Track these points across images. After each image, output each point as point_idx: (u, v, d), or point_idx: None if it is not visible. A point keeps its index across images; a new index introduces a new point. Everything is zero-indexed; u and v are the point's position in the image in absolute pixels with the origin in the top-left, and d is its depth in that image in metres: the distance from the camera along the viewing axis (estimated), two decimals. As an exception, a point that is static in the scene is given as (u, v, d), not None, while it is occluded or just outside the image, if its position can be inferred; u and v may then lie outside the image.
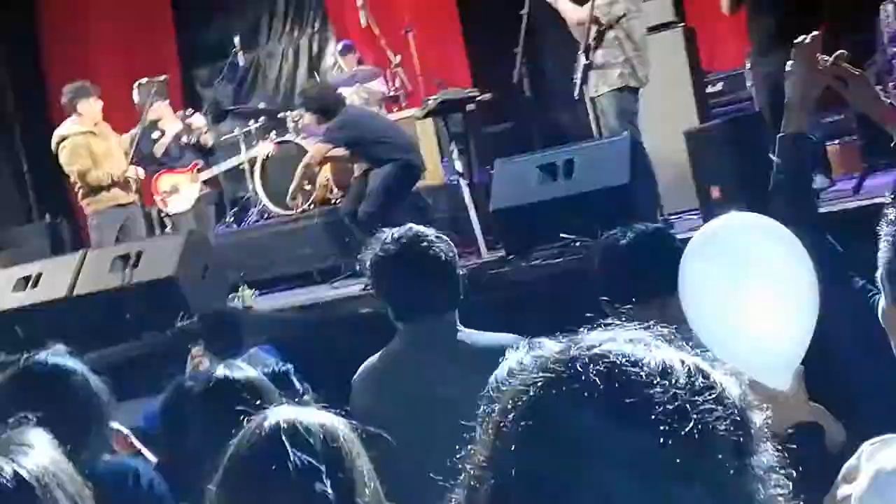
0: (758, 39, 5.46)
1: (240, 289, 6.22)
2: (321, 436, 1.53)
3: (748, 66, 5.77)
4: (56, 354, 2.48)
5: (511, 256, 5.25)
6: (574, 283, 4.31)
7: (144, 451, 2.86)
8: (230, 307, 4.89)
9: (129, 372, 4.88)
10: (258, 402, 1.73)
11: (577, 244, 4.77)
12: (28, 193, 9.89)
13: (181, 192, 7.26)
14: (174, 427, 2.35)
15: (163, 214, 7.44)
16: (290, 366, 3.36)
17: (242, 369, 2.31)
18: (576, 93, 5.76)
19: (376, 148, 6.08)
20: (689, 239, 4.03)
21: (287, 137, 7.84)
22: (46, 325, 5.57)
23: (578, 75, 5.68)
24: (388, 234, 2.68)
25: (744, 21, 7.16)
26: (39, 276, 5.86)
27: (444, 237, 2.71)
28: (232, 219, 8.22)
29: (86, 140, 6.65)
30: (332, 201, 7.38)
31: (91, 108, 6.77)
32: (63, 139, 6.69)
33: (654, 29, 6.22)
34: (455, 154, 6.44)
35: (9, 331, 5.66)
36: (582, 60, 5.71)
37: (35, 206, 9.73)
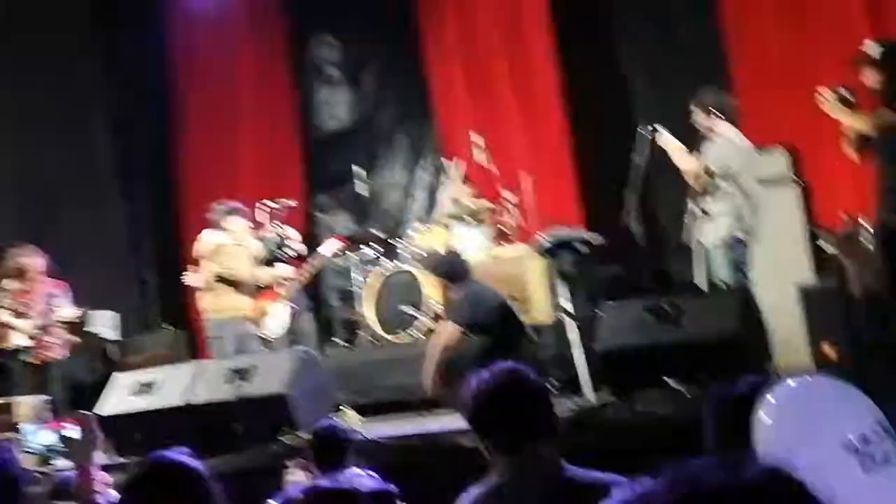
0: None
1: (344, 410, 6.33)
2: None
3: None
4: (181, 454, 2.61)
5: (615, 399, 5.22)
6: (678, 429, 4.26)
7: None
8: (341, 425, 4.94)
9: (233, 482, 4.97)
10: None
11: (683, 391, 4.74)
12: (151, 305, 10.36)
13: (273, 317, 7.39)
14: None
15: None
16: (394, 488, 3.42)
17: (344, 483, 2.36)
18: (687, 240, 5.83)
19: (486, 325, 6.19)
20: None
21: (400, 265, 8.04)
22: (162, 430, 5.77)
23: (690, 223, 5.75)
24: (488, 370, 2.74)
25: (859, 179, 7.18)
26: (159, 382, 6.07)
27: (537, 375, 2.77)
28: (341, 340, 8.39)
29: (234, 249, 7.00)
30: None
31: (238, 225, 7.22)
32: (213, 244, 7.05)
33: (768, 182, 6.26)
34: (563, 293, 6.50)
35: (127, 434, 5.85)
36: (694, 209, 5.79)
37: (158, 317, 10.15)
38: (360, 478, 4.21)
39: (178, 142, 10.66)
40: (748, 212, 5.71)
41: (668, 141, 6.04)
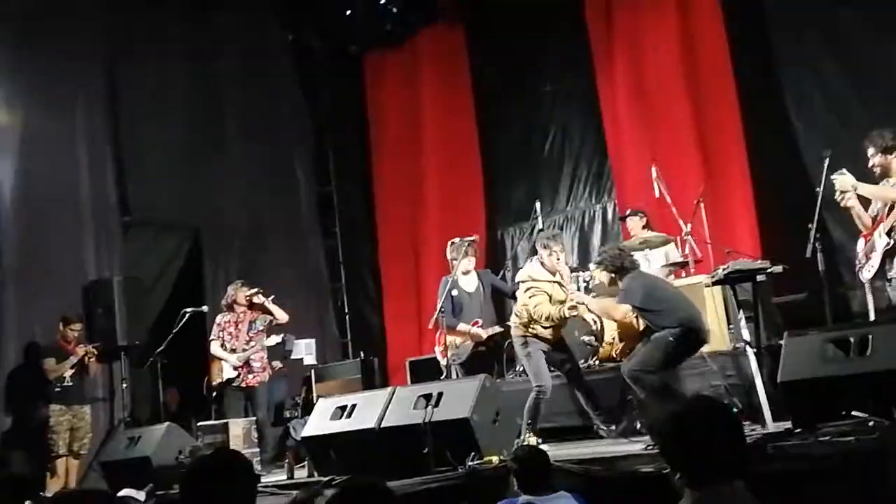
0: None
1: (525, 436, 6.35)
2: None
3: None
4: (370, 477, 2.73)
5: (797, 430, 5.01)
6: (863, 462, 4.05)
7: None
8: (542, 449, 4.97)
9: (421, 501, 5.09)
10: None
11: (871, 423, 4.50)
12: (347, 335, 10.80)
13: (459, 348, 7.41)
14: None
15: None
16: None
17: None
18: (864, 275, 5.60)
19: (658, 314, 6.12)
20: None
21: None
22: (356, 451, 5.98)
23: (877, 254, 5.50)
24: (680, 398, 2.70)
25: None
26: (354, 406, 6.28)
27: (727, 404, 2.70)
28: (521, 368, 8.43)
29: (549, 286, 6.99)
30: (616, 358, 7.39)
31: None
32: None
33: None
34: (742, 321, 6.32)
35: (325, 454, 6.10)
36: (883, 241, 5.56)
37: (351, 346, 10.57)
38: (569, 499, 4.25)
39: (371, 185, 11.10)
40: None
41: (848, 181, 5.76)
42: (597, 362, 7.62)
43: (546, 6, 9.78)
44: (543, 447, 5.77)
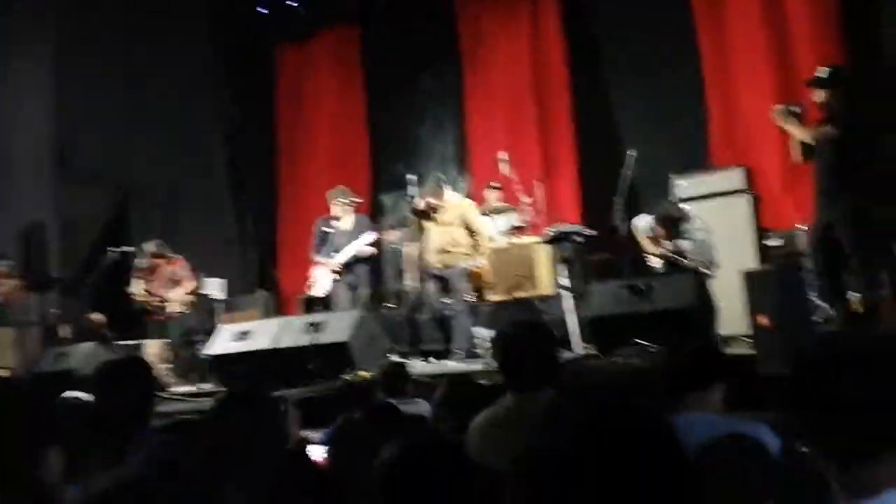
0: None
1: (392, 357, 6.46)
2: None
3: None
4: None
5: (599, 354, 5.30)
6: (645, 378, 4.33)
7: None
8: (402, 363, 5.05)
9: (306, 407, 5.13)
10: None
11: (650, 349, 4.81)
12: (251, 273, 10.59)
13: (320, 282, 7.21)
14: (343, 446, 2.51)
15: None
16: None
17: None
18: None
19: None
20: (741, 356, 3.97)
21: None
22: (253, 367, 5.95)
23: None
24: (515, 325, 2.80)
25: (796, 192, 7.14)
26: (252, 331, 6.24)
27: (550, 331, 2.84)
28: (391, 304, 8.53)
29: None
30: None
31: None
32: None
33: (729, 194, 6.30)
34: (564, 272, 6.58)
35: (227, 370, 6.04)
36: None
37: (256, 283, 10.38)
38: (424, 404, 4.35)
39: (275, 147, 10.90)
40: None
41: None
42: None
43: (426, 11, 9.77)
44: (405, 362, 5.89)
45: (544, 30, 9.11)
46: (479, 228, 6.65)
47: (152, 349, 7.00)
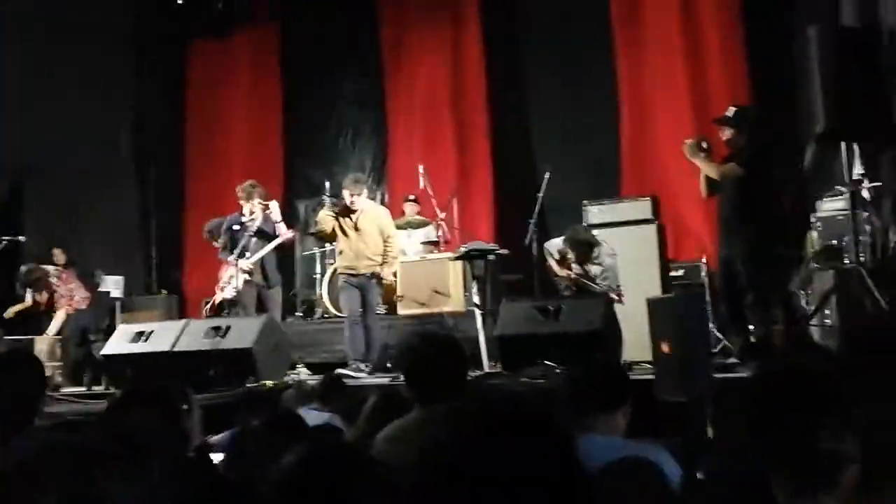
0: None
1: (297, 367, 6.34)
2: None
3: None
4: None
5: (506, 372, 5.34)
6: (550, 398, 4.39)
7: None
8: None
9: (206, 416, 4.95)
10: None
11: (557, 370, 4.89)
12: (152, 272, 10.20)
13: (231, 282, 6.79)
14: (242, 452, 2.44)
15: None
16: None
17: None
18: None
19: None
20: (642, 381, 4.07)
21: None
22: (149, 370, 5.71)
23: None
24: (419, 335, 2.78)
25: (701, 224, 7.44)
26: (151, 332, 5.99)
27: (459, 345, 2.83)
28: (301, 313, 8.38)
29: None
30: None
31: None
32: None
33: (637, 223, 6.50)
34: (475, 290, 6.61)
35: (122, 371, 5.77)
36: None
37: (155, 283, 10.00)
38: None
39: (184, 143, 10.57)
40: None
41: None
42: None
43: (348, 17, 9.70)
44: (309, 376, 5.79)
45: (466, 45, 9.19)
46: (392, 238, 6.57)
47: (42, 346, 6.63)
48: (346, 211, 6.44)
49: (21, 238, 7.71)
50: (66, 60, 9.10)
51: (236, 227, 6.83)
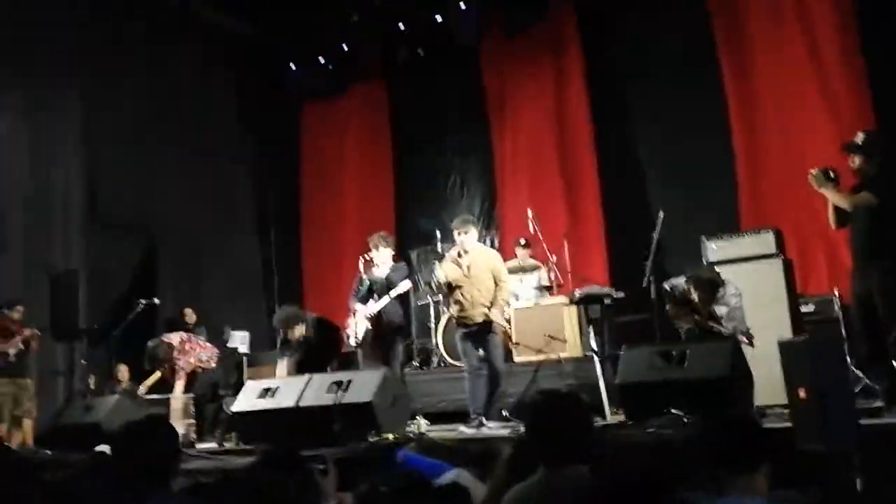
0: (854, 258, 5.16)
1: (417, 418, 6.35)
2: None
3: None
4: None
5: (630, 422, 5.16)
6: (678, 450, 4.20)
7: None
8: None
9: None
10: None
11: (684, 419, 4.69)
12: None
13: (353, 326, 6.73)
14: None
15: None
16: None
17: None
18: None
19: None
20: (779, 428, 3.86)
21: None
22: (277, 426, 5.87)
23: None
24: (540, 391, 2.72)
25: (830, 256, 7.02)
26: (277, 388, 6.17)
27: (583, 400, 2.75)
28: (417, 363, 8.45)
29: None
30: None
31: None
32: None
33: (761, 257, 6.21)
34: (591, 335, 6.48)
35: (251, 427, 5.97)
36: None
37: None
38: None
39: (301, 201, 11.01)
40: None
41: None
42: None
43: (452, 70, 9.91)
44: (428, 427, 5.78)
45: (569, 87, 9.19)
46: (505, 283, 6.18)
47: (177, 404, 6.96)
48: (458, 256, 6.23)
49: (156, 300, 8.18)
50: (187, 130, 9.74)
51: (366, 277, 6.73)
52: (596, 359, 6.09)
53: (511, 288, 6.39)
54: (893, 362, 4.94)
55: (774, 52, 7.90)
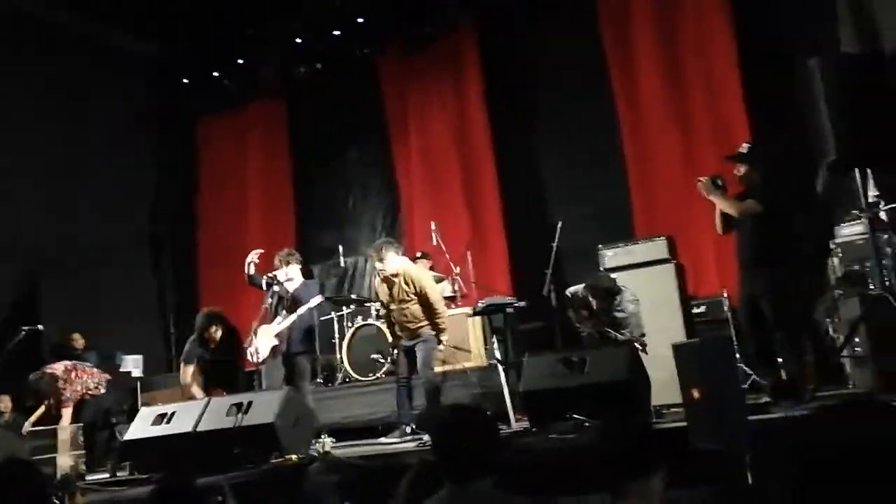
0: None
1: (322, 437, 6.19)
2: None
3: None
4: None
5: (534, 429, 5.20)
6: (581, 454, 4.24)
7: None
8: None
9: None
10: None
11: (586, 423, 4.75)
12: (172, 349, 10.15)
13: (258, 342, 6.50)
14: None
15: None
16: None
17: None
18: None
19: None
20: (675, 428, 3.93)
21: (370, 321, 8.01)
22: (174, 453, 5.59)
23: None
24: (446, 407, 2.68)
25: (719, 260, 7.33)
26: (173, 414, 5.89)
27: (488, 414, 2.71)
28: (321, 380, 8.27)
29: None
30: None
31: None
32: None
33: (654, 263, 6.40)
34: (495, 344, 6.51)
35: (146, 455, 5.66)
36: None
37: (175, 360, 9.94)
38: None
39: (197, 220, 10.64)
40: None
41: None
42: (383, 375, 7.61)
43: (350, 83, 9.83)
44: (333, 445, 5.66)
45: (469, 100, 9.27)
46: (431, 296, 6.14)
47: (64, 435, 6.54)
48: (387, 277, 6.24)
49: (40, 327, 7.70)
50: (77, 150, 9.26)
51: (276, 289, 6.59)
52: (500, 367, 6.10)
53: (439, 298, 6.34)
54: (779, 360, 5.18)
55: (661, 65, 8.19)
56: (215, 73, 10.25)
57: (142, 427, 5.88)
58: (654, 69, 8.23)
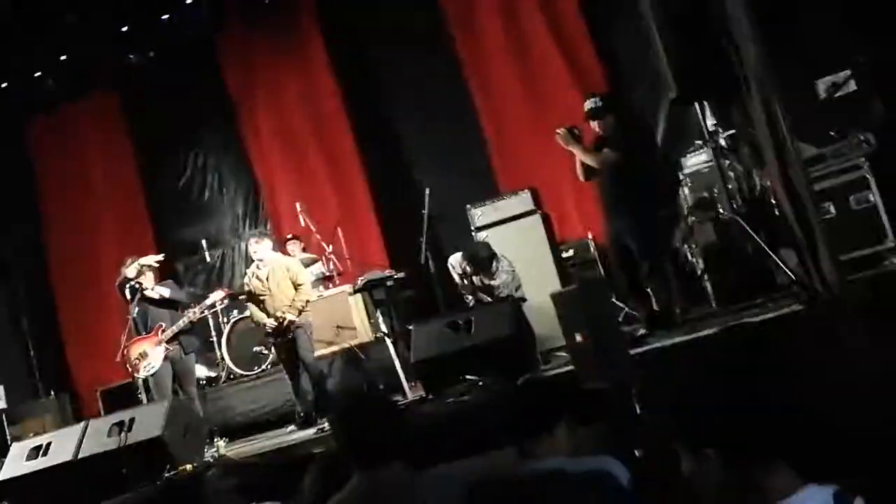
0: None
1: (215, 440, 5.98)
2: None
3: None
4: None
5: (430, 396, 5.24)
6: (480, 413, 4.32)
7: None
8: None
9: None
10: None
11: (479, 383, 4.84)
12: (35, 374, 9.43)
13: (149, 356, 6.29)
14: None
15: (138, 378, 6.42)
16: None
17: None
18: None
19: None
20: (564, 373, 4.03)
21: (245, 314, 7.75)
22: (56, 485, 5.24)
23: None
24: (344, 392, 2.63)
25: (582, 204, 7.59)
26: (49, 445, 5.51)
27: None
28: (204, 382, 7.96)
29: None
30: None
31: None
32: None
33: (521, 216, 6.53)
34: (380, 317, 6.49)
35: (24, 494, 5.27)
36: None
37: (41, 385, 9.25)
38: None
39: (47, 236, 9.83)
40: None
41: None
42: (269, 367, 7.43)
43: (190, 68, 9.31)
44: (226, 445, 5.49)
45: (316, 71, 8.96)
46: (302, 284, 6.30)
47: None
48: (257, 268, 6.32)
49: None
50: None
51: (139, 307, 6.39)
52: (388, 340, 6.09)
53: (310, 289, 6.39)
54: (649, 290, 5.46)
55: (504, 18, 8.23)
56: (37, 74, 9.37)
57: (15, 464, 5.48)
58: (496, 23, 8.26)
